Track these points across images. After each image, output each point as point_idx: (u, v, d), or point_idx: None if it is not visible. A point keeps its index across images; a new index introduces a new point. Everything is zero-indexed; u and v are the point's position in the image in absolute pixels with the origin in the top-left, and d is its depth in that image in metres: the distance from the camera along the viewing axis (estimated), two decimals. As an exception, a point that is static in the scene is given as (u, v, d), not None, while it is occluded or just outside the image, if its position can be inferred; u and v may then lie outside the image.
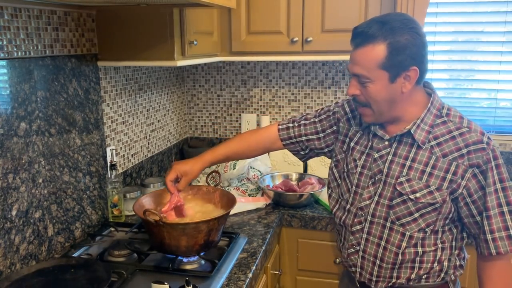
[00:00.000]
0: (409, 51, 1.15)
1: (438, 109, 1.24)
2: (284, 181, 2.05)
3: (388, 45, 1.14)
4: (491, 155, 1.18)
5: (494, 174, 1.18)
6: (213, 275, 1.32)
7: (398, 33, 1.14)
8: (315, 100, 2.40)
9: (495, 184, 1.18)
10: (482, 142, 1.19)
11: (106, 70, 1.74)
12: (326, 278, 1.89)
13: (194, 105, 2.58)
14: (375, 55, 1.15)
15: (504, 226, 1.19)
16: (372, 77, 1.17)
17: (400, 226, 1.24)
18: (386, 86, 1.18)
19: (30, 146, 1.35)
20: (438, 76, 2.29)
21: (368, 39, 1.16)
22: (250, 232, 1.67)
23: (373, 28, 1.15)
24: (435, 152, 1.21)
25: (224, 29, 2.03)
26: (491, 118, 2.26)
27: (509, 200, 1.19)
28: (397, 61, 1.15)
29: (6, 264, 1.28)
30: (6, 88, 1.26)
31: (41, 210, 1.41)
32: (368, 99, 1.22)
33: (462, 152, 1.19)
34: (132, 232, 1.61)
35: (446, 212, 1.22)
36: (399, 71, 1.16)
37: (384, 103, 1.21)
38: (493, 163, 1.18)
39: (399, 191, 1.23)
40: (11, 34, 1.28)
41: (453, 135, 1.21)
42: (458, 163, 1.19)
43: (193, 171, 1.44)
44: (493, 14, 2.15)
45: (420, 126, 1.22)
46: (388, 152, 1.27)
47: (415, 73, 1.17)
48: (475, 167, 1.18)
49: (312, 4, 1.94)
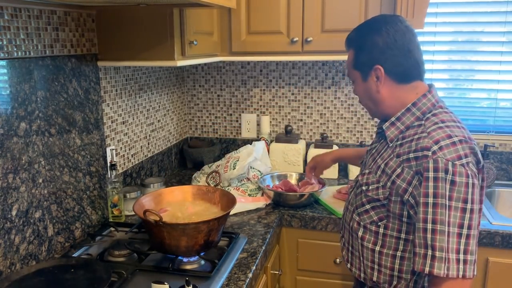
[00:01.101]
0: (370, 51, 1.24)
1: (423, 112, 1.21)
2: (284, 181, 2.05)
3: (354, 48, 1.28)
4: (431, 165, 1.08)
5: (429, 186, 1.07)
6: (213, 275, 1.32)
7: (362, 35, 1.26)
8: (315, 100, 2.40)
9: (427, 197, 1.07)
10: (428, 149, 1.10)
11: (106, 70, 1.74)
12: (326, 278, 1.89)
13: (194, 105, 2.58)
14: (349, 58, 1.31)
15: (424, 243, 1.08)
16: (352, 77, 1.32)
17: (357, 215, 1.29)
18: (361, 85, 1.29)
19: (30, 146, 1.35)
20: (438, 76, 2.29)
21: (347, 45, 1.32)
22: (250, 232, 1.67)
23: (350, 34, 1.31)
24: (395, 151, 1.21)
25: (224, 29, 2.03)
26: (491, 118, 2.26)
27: (436, 218, 1.06)
28: (361, 61, 1.26)
29: (6, 264, 1.28)
30: (6, 88, 1.26)
31: (41, 210, 1.41)
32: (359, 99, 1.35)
33: (409, 156, 1.15)
34: (132, 232, 1.61)
35: (397, 213, 1.18)
36: (366, 70, 1.25)
37: (366, 101, 1.31)
38: (431, 174, 1.07)
39: (359, 181, 1.31)
40: (11, 34, 1.28)
41: (413, 138, 1.18)
42: (404, 166, 1.15)
43: (323, 161, 1.82)
44: (493, 14, 2.15)
45: (396, 124, 1.25)
46: (375, 146, 1.35)
47: (380, 72, 1.23)
48: (420, 175, 1.11)
49: (312, 4, 1.94)
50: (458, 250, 1.05)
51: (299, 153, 2.29)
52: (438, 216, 1.06)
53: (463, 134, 1.13)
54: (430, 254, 1.07)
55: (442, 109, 1.22)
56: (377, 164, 1.26)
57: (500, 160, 2.22)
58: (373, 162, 1.29)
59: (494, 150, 2.20)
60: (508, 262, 1.70)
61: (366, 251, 1.27)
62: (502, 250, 1.69)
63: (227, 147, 2.56)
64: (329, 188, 2.01)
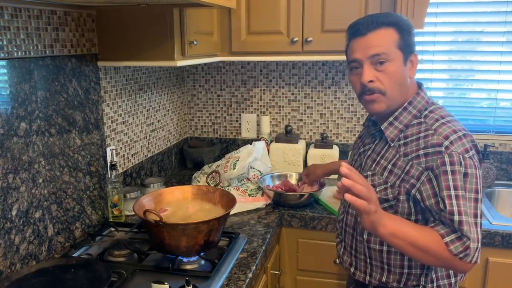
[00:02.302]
0: (412, 36, 1.23)
1: (419, 110, 1.24)
2: (284, 181, 2.05)
3: (397, 29, 1.20)
4: (447, 159, 1.12)
5: (448, 179, 1.11)
6: (213, 275, 1.32)
7: (403, 20, 1.23)
8: (315, 100, 2.40)
9: (449, 190, 1.11)
10: (440, 145, 1.14)
11: (106, 70, 1.74)
12: (326, 278, 1.89)
13: (194, 105, 2.58)
14: (390, 36, 1.20)
15: (453, 230, 1.11)
16: (392, 56, 1.19)
17: None
18: (401, 67, 1.21)
19: (30, 146, 1.35)
20: (438, 76, 2.29)
21: (379, 24, 1.20)
22: (250, 232, 1.67)
23: (381, 17, 1.22)
24: (400, 151, 1.22)
25: (224, 29, 2.03)
26: (491, 118, 2.26)
27: (460, 210, 1.10)
28: (408, 42, 1.21)
29: (6, 264, 1.28)
30: (6, 88, 1.26)
31: (41, 210, 1.41)
32: (384, 83, 1.20)
33: (419, 154, 1.17)
34: (132, 232, 1.61)
35: (404, 212, 1.20)
36: (408, 53, 1.22)
37: (396, 87, 1.21)
38: (449, 168, 1.11)
39: None
40: (11, 34, 1.28)
41: (419, 136, 1.20)
42: (413, 163, 1.17)
43: (315, 174, 1.92)
44: (493, 14, 2.15)
45: (394, 124, 1.25)
46: (370, 147, 1.33)
47: (416, 59, 1.24)
48: (430, 171, 1.14)
49: (312, 4, 1.94)
50: (477, 239, 1.11)
51: (299, 153, 2.29)
52: (462, 208, 1.10)
53: (463, 128, 1.19)
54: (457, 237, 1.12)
55: (435, 105, 1.26)
56: (381, 166, 1.25)
57: (500, 160, 2.22)
58: (375, 164, 1.27)
59: (494, 150, 2.20)
60: (508, 262, 1.70)
61: (374, 252, 1.26)
62: (502, 250, 1.69)
63: (227, 147, 2.56)
64: (329, 188, 2.00)
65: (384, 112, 1.26)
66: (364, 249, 1.29)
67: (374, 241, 1.26)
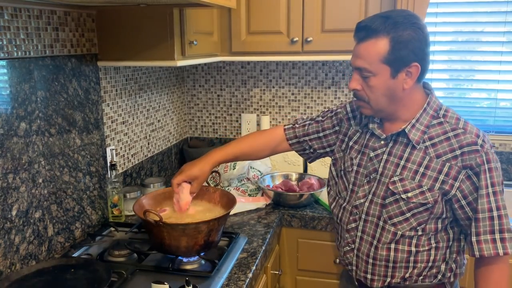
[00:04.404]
0: (411, 46, 1.15)
1: (435, 110, 1.24)
2: (284, 181, 2.05)
3: (390, 40, 1.14)
4: (484, 157, 1.18)
5: (487, 177, 1.18)
6: (213, 275, 1.32)
7: (400, 27, 1.15)
8: (315, 100, 2.40)
9: (487, 188, 1.18)
10: (476, 144, 1.18)
11: (106, 70, 1.74)
12: (326, 278, 1.89)
13: (194, 105, 2.58)
14: (378, 49, 1.15)
15: (490, 230, 1.18)
16: (374, 71, 1.17)
17: (392, 226, 1.25)
18: (387, 81, 1.18)
19: (30, 146, 1.35)
20: (438, 76, 2.29)
21: (371, 33, 1.16)
22: (250, 232, 1.67)
23: (377, 23, 1.16)
24: (429, 153, 1.21)
25: (224, 29, 2.03)
26: (491, 118, 2.26)
27: (499, 205, 1.18)
28: (399, 56, 1.15)
29: (6, 264, 1.28)
30: (6, 88, 1.26)
31: (41, 210, 1.41)
32: (368, 94, 1.22)
33: (455, 153, 1.18)
34: (132, 232, 1.61)
35: (439, 212, 1.22)
36: (400, 66, 1.17)
37: (383, 99, 1.21)
38: (486, 166, 1.17)
39: (392, 190, 1.24)
40: (11, 34, 1.28)
41: (448, 136, 1.20)
42: (451, 164, 1.19)
43: (203, 173, 1.45)
44: (493, 14, 2.15)
45: (416, 126, 1.23)
46: (383, 151, 1.28)
47: (416, 70, 1.17)
48: (469, 169, 1.18)
49: (312, 4, 1.94)
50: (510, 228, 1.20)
51: (299, 153, 2.29)
52: (500, 203, 1.19)
53: None
54: (499, 238, 1.18)
55: (444, 105, 1.28)
56: (409, 170, 1.22)
57: (500, 160, 2.20)
58: (401, 169, 1.23)
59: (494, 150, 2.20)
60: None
61: (401, 255, 1.26)
62: (502, 250, 1.69)
63: (227, 147, 2.56)
64: (329, 188, 2.00)
65: (377, 115, 1.29)
66: (388, 256, 1.27)
67: (403, 242, 1.25)
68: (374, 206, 1.28)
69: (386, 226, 1.26)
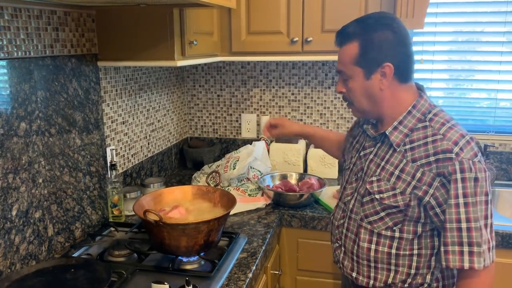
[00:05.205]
0: (382, 47, 1.18)
1: (423, 113, 1.22)
2: (284, 181, 2.05)
3: (360, 42, 1.19)
4: (458, 166, 1.11)
5: (458, 187, 1.11)
6: (213, 275, 1.32)
7: (370, 30, 1.19)
8: (315, 100, 2.40)
9: (457, 198, 1.12)
10: (451, 151, 1.13)
11: (106, 70, 1.74)
12: (326, 278, 1.89)
13: (194, 105, 2.58)
14: (350, 52, 1.21)
15: (459, 241, 1.13)
16: (350, 74, 1.23)
17: (368, 224, 1.26)
18: (362, 83, 1.22)
19: (30, 146, 1.35)
20: (438, 76, 2.29)
21: (346, 38, 1.23)
22: (250, 232, 1.67)
23: (350, 28, 1.22)
24: (407, 156, 1.20)
25: (224, 29, 2.03)
26: (491, 118, 2.26)
27: (469, 217, 1.12)
28: (369, 57, 1.19)
29: (6, 264, 1.28)
30: (6, 88, 1.26)
31: (41, 210, 1.41)
32: (350, 96, 1.27)
33: (429, 160, 1.16)
34: (132, 232, 1.61)
35: (414, 216, 1.19)
36: (372, 67, 1.20)
37: (363, 100, 1.25)
38: (459, 176, 1.11)
39: (368, 190, 1.26)
40: (11, 34, 1.28)
41: (426, 141, 1.18)
42: (425, 170, 1.16)
43: (291, 127, 1.68)
44: (493, 14, 2.15)
45: (399, 128, 1.23)
46: (371, 151, 1.31)
47: (389, 70, 1.19)
48: (442, 177, 1.14)
49: (312, 4, 1.94)
50: (488, 239, 1.13)
51: (299, 153, 2.29)
52: (471, 215, 1.12)
53: (466, 131, 1.19)
54: (467, 251, 1.13)
55: (438, 108, 1.25)
56: (387, 171, 1.23)
57: (500, 160, 2.22)
58: (380, 169, 1.25)
59: (494, 150, 2.20)
60: (508, 262, 1.70)
61: (381, 256, 1.25)
62: (502, 250, 1.69)
63: (227, 147, 2.56)
64: (329, 188, 2.01)
65: (365, 117, 1.33)
66: (368, 255, 1.27)
67: (383, 243, 1.24)
68: (357, 204, 1.30)
69: (363, 224, 1.27)
